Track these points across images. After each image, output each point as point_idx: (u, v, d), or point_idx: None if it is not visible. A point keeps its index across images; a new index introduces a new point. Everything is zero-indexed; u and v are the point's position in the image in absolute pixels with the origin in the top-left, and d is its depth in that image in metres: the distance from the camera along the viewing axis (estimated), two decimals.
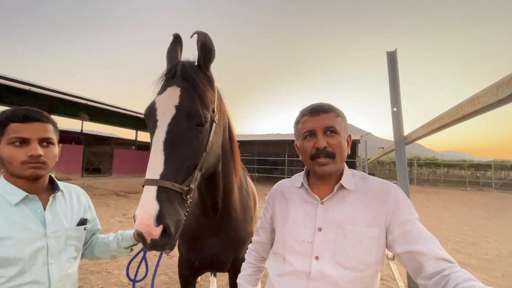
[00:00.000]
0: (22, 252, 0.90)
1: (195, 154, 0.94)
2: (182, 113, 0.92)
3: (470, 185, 22.40)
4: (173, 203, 0.85)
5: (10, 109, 0.96)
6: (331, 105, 0.98)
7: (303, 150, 0.97)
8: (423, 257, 0.76)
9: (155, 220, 0.78)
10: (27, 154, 0.92)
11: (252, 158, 22.81)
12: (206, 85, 1.01)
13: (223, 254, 1.56)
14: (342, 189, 0.95)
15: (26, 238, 0.92)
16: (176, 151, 0.89)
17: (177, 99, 0.93)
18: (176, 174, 0.87)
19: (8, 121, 0.92)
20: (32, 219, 0.96)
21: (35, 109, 0.99)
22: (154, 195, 0.80)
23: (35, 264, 0.93)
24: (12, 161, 0.92)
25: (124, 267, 3.71)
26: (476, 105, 0.69)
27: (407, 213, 0.87)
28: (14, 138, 0.91)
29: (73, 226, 1.06)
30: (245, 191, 1.71)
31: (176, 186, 0.86)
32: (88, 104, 13.82)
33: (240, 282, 1.14)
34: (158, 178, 0.83)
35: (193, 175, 0.93)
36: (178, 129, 0.91)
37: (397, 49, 1.63)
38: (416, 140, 1.49)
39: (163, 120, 0.92)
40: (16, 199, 0.94)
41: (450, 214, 9.09)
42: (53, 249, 0.97)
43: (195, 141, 0.94)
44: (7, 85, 10.89)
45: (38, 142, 0.94)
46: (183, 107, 0.92)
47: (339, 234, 0.88)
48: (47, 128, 0.97)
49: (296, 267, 0.91)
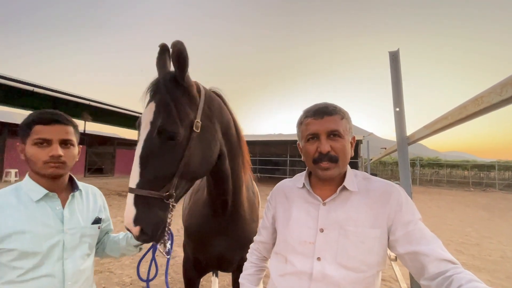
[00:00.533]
0: (40, 246, 0.96)
1: (170, 165, 1.01)
2: (154, 129, 1.00)
3: (474, 186, 22.26)
4: (151, 208, 0.96)
5: (36, 112, 1.05)
6: (336, 106, 0.95)
7: (306, 153, 0.96)
8: (425, 258, 0.76)
9: (133, 222, 0.93)
10: (49, 154, 0.99)
11: (253, 158, 22.82)
12: (179, 98, 1.04)
13: (230, 253, 1.57)
14: (344, 190, 0.94)
15: (44, 233, 0.98)
16: (150, 163, 0.98)
17: (151, 115, 1.02)
18: (152, 183, 0.97)
19: (33, 123, 1.01)
20: (51, 216, 1.02)
21: (58, 112, 1.06)
22: (132, 202, 0.94)
23: (51, 258, 0.99)
24: (35, 160, 1.00)
25: (127, 267, 3.73)
26: (480, 105, 0.68)
27: (409, 213, 0.86)
28: (38, 139, 0.99)
29: (88, 224, 1.13)
30: (251, 189, 1.73)
31: (153, 193, 0.96)
32: (90, 104, 13.89)
33: (242, 281, 1.14)
34: (135, 187, 0.95)
35: (171, 183, 1.01)
36: (151, 144, 0.99)
37: (399, 49, 1.62)
38: (419, 141, 1.48)
39: (142, 135, 1.02)
40: (37, 196, 1.01)
41: (453, 214, 9.03)
42: (68, 245, 1.04)
43: (168, 154, 1.01)
44: (10, 86, 10.97)
45: (59, 143, 1.02)
46: (155, 123, 1.00)
47: (341, 235, 0.88)
48: (68, 130, 1.06)
49: (298, 268, 0.91)
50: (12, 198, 0.99)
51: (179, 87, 1.07)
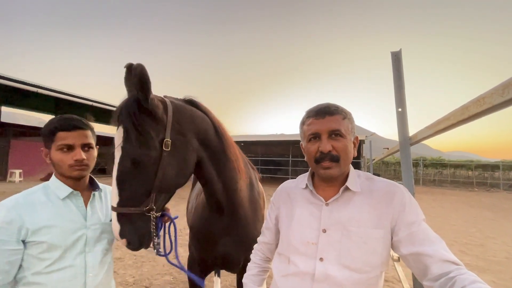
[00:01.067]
0: (66, 240, 1.06)
1: (144, 184, 1.08)
2: (124, 154, 1.06)
3: (478, 186, 22.08)
4: (133, 222, 1.06)
5: (57, 118, 1.13)
6: (338, 106, 0.95)
7: (308, 153, 0.97)
8: (429, 258, 0.76)
9: (119, 236, 1.04)
10: (73, 158, 1.09)
11: (256, 158, 22.83)
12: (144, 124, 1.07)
13: (234, 253, 1.58)
14: (347, 190, 0.94)
15: (70, 227, 1.08)
16: (126, 183, 1.06)
17: (120, 140, 1.07)
18: (130, 201, 1.05)
19: (56, 130, 1.09)
20: (75, 212, 1.12)
21: (77, 118, 1.15)
22: (116, 218, 1.04)
23: (74, 251, 1.08)
24: (61, 164, 1.09)
25: (130, 267, 3.75)
26: (482, 106, 0.68)
27: (413, 214, 0.86)
28: (62, 145, 1.08)
29: (107, 220, 1.21)
30: (255, 190, 1.73)
31: (132, 209, 1.05)
32: (93, 105, 13.99)
33: (245, 282, 1.14)
34: (116, 206, 1.04)
35: (149, 198, 1.08)
36: (123, 166, 1.06)
37: (401, 49, 1.62)
38: (422, 141, 1.48)
39: (116, 157, 1.08)
40: (63, 194, 1.11)
41: (457, 215, 8.97)
42: (90, 240, 1.13)
43: (140, 175, 1.07)
44: (14, 87, 11.09)
45: (81, 148, 1.11)
46: (124, 148, 1.06)
47: (344, 235, 0.88)
48: (87, 134, 1.15)
49: (301, 268, 0.91)
50: (41, 196, 1.09)
51: (143, 111, 1.07)
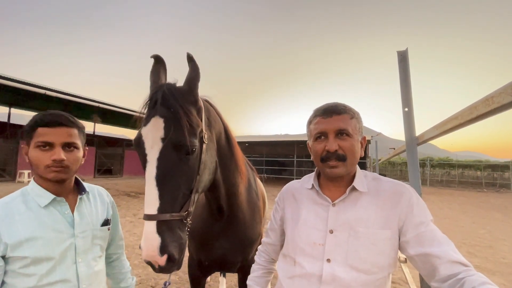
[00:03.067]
0: (53, 252, 0.95)
1: (188, 182, 0.96)
2: (169, 145, 0.92)
3: (487, 186, 21.67)
4: (174, 231, 0.90)
5: (40, 113, 1.00)
6: (345, 105, 0.94)
7: (314, 152, 0.96)
8: (437, 260, 0.75)
9: (159, 251, 0.84)
10: (51, 158, 0.95)
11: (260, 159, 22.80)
12: (191, 110, 0.98)
13: (232, 255, 1.56)
14: (354, 191, 0.93)
15: (55, 238, 0.96)
16: (169, 183, 0.91)
17: (162, 131, 0.92)
18: (173, 205, 0.91)
19: (36, 125, 0.97)
20: (61, 220, 1.00)
21: (61, 113, 1.02)
22: (155, 230, 0.86)
23: (64, 263, 0.98)
24: (38, 164, 0.96)
25: (136, 267, 3.78)
26: (491, 105, 0.67)
27: (421, 215, 0.85)
28: (40, 142, 0.95)
29: (98, 226, 1.10)
30: (254, 192, 1.70)
31: (175, 215, 0.90)
32: (100, 106, 14.17)
33: (249, 283, 1.13)
34: (156, 213, 0.87)
35: (190, 199, 0.97)
36: (167, 162, 0.91)
37: (408, 49, 1.60)
38: (428, 141, 1.46)
39: (151, 154, 0.92)
40: (45, 202, 0.98)
41: (465, 216, 8.82)
42: (80, 248, 1.02)
43: (187, 169, 0.95)
44: (23, 89, 11.30)
45: (61, 147, 0.97)
46: (169, 139, 0.92)
47: (351, 236, 0.87)
48: (71, 132, 1.01)
49: (307, 270, 0.90)
50: (20, 205, 0.97)
51: (188, 98, 1.01)
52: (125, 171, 19.55)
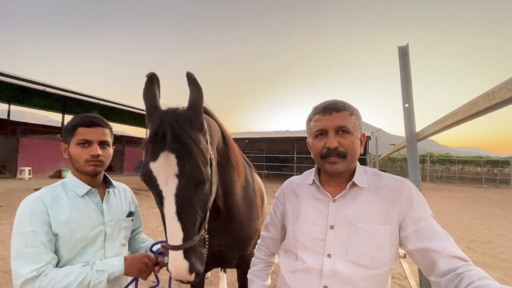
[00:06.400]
0: (87, 235, 1.09)
1: (204, 206, 1.00)
2: (185, 181, 0.90)
3: (487, 182, 21.71)
4: (197, 251, 0.96)
5: (80, 116, 1.17)
6: (345, 102, 0.95)
7: (314, 149, 0.97)
8: (436, 254, 0.75)
9: (188, 272, 0.92)
10: (90, 153, 1.11)
11: (261, 155, 22.82)
12: (200, 139, 0.95)
13: (229, 251, 1.57)
14: (354, 186, 0.94)
15: (90, 223, 1.11)
16: (189, 214, 0.94)
17: (175, 168, 0.89)
18: (194, 231, 0.95)
19: (78, 125, 1.13)
20: (93, 209, 1.14)
21: (98, 116, 1.19)
22: (182, 257, 0.91)
23: (95, 246, 1.12)
24: (78, 159, 1.12)
25: None
26: (491, 101, 0.67)
27: (421, 210, 0.85)
28: (81, 140, 1.12)
29: (123, 217, 1.25)
30: (251, 188, 1.70)
31: (197, 238, 0.95)
32: (99, 103, 14.13)
33: (250, 277, 1.15)
34: (181, 243, 0.91)
35: (205, 219, 1.02)
36: (185, 197, 0.92)
37: (408, 44, 1.59)
38: (429, 137, 1.46)
39: (167, 190, 0.91)
40: (82, 192, 1.13)
41: (464, 212, 8.85)
42: (109, 235, 1.16)
43: (203, 197, 0.98)
44: (22, 86, 11.26)
45: (98, 144, 1.14)
46: (185, 175, 0.90)
47: (352, 232, 0.88)
48: (105, 132, 1.18)
49: (309, 265, 0.92)
50: (61, 193, 1.11)
51: (195, 126, 0.96)
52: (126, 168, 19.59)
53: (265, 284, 1.15)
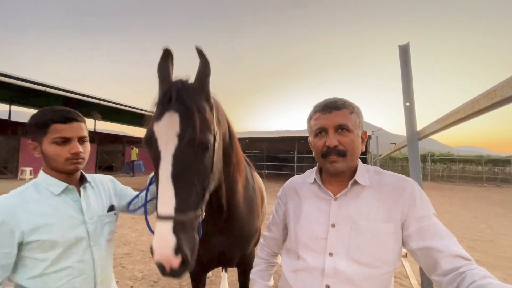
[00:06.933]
0: (68, 236, 1.02)
1: (203, 180, 0.94)
2: (185, 142, 0.88)
3: (488, 181, 21.65)
4: (188, 232, 0.85)
5: (49, 110, 1.04)
6: (345, 100, 0.95)
7: (315, 147, 0.97)
8: (438, 253, 0.75)
9: (174, 253, 0.79)
10: (70, 151, 1.03)
11: (261, 155, 22.80)
12: (205, 107, 0.96)
13: (230, 251, 1.58)
14: (356, 184, 0.94)
15: (69, 223, 1.04)
16: (185, 181, 0.87)
17: (177, 128, 0.89)
18: (189, 204, 0.87)
19: (51, 121, 1.02)
20: (73, 207, 1.08)
21: (72, 110, 1.09)
22: (170, 230, 0.80)
23: (81, 246, 1.06)
24: (57, 158, 1.03)
25: (138, 262, 3.81)
26: (493, 99, 0.66)
27: (423, 208, 0.85)
28: (58, 137, 1.02)
29: (104, 212, 1.19)
30: (251, 188, 1.71)
31: (190, 215, 0.86)
32: (100, 103, 14.14)
33: (253, 277, 1.15)
34: (172, 212, 0.82)
35: (204, 198, 0.95)
36: (183, 159, 0.88)
37: (409, 42, 1.59)
38: (430, 135, 1.45)
39: (166, 151, 0.88)
40: (58, 190, 1.06)
41: (466, 211, 8.82)
42: (92, 233, 1.11)
43: (202, 167, 0.93)
44: (23, 86, 11.27)
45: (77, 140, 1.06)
46: (185, 135, 0.88)
47: (353, 230, 0.87)
48: (82, 127, 1.10)
49: (310, 264, 0.91)
50: (34, 194, 1.02)
51: (202, 95, 0.99)
52: None
53: (267, 284, 1.15)
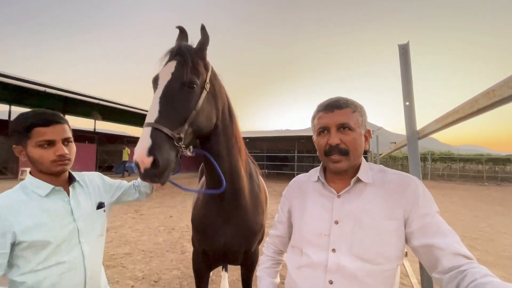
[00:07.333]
0: (57, 235, 1.05)
1: (184, 110, 1.14)
2: (175, 77, 1.16)
3: (488, 180, 21.67)
4: (163, 144, 1.02)
5: (31, 114, 1.07)
6: (348, 100, 0.96)
7: (318, 146, 0.99)
8: (440, 251, 0.75)
9: (147, 152, 0.96)
10: (56, 154, 1.05)
11: (261, 154, 22.83)
12: (196, 59, 1.24)
13: (235, 243, 1.60)
14: (359, 182, 0.95)
15: (59, 222, 1.07)
16: (169, 104, 1.10)
17: (173, 68, 1.18)
18: (168, 122, 1.06)
19: (33, 125, 1.03)
20: (62, 206, 1.11)
21: (53, 112, 1.11)
22: (149, 134, 0.99)
23: (70, 244, 1.09)
24: (43, 161, 1.05)
25: (139, 262, 3.82)
26: (492, 99, 0.66)
27: (427, 206, 0.85)
28: (42, 141, 1.03)
29: (94, 209, 1.22)
30: (255, 183, 1.76)
31: (167, 130, 1.03)
32: (100, 104, 14.15)
33: (259, 275, 1.17)
34: (153, 122, 1.03)
35: (183, 126, 1.11)
36: (171, 88, 1.14)
37: (409, 42, 1.59)
38: (430, 135, 1.45)
39: (161, 83, 1.16)
40: (45, 192, 1.07)
41: (466, 210, 8.83)
42: (82, 230, 1.13)
43: (185, 99, 1.15)
44: (23, 87, 11.27)
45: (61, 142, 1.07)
46: (176, 73, 1.17)
47: (356, 227, 0.88)
48: (65, 128, 1.11)
49: (313, 259, 0.92)
50: (22, 196, 1.04)
51: (198, 54, 1.27)
52: None
53: (274, 281, 1.16)
